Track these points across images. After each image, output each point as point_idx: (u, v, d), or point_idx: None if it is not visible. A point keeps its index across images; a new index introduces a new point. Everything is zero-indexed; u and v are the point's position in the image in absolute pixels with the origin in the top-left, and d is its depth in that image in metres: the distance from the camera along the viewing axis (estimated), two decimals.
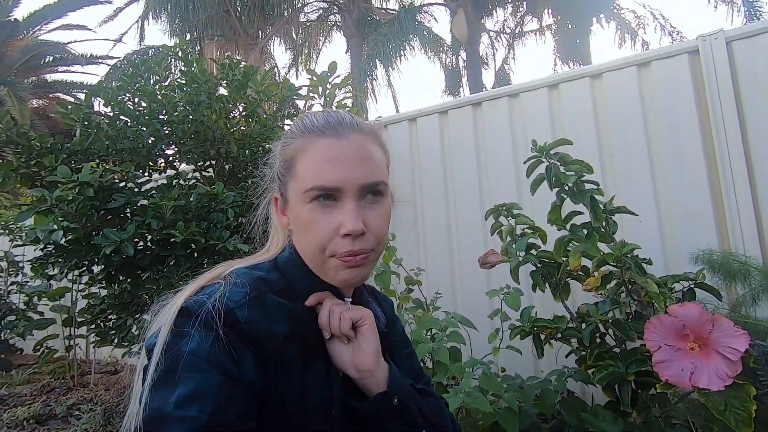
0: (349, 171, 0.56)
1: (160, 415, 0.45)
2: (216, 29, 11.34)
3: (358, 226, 0.55)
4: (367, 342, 0.60)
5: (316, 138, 0.58)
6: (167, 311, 0.52)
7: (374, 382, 0.59)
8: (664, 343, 1.08)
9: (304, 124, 0.61)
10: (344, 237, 0.56)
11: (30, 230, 1.95)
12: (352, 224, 0.55)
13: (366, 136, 0.61)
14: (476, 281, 2.41)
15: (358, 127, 0.61)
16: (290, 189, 0.60)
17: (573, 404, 1.60)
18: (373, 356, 0.59)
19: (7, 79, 10.09)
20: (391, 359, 0.69)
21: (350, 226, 0.55)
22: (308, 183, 0.57)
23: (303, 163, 0.58)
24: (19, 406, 3.11)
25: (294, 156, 0.60)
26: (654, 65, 2.14)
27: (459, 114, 2.63)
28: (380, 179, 0.59)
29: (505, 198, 1.90)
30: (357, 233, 0.55)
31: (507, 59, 12.33)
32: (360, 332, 0.60)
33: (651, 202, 2.07)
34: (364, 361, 0.59)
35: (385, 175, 0.62)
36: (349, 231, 0.55)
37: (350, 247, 0.56)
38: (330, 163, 0.56)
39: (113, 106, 2.40)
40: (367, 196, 0.58)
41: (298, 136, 0.60)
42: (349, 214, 0.55)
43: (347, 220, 0.55)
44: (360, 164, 0.57)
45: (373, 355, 0.60)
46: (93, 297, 2.47)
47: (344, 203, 0.56)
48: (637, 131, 2.14)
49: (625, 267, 1.34)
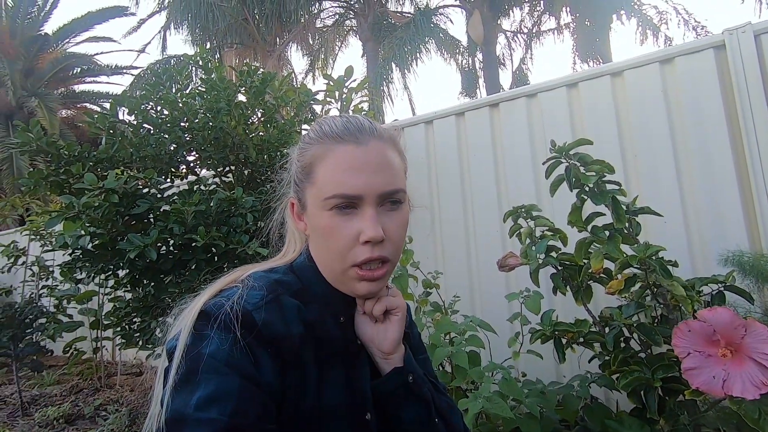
0: (370, 178, 0.56)
1: (180, 416, 0.46)
2: (235, 37, 11.57)
3: (378, 233, 0.55)
4: (393, 330, 0.63)
5: (336, 144, 0.58)
6: (187, 314, 0.53)
7: (391, 363, 0.63)
8: (694, 350, 1.04)
9: (323, 130, 0.61)
10: (364, 244, 0.56)
11: (59, 236, 2.02)
12: (372, 231, 0.55)
13: (385, 143, 0.60)
14: (495, 284, 2.38)
15: (377, 133, 0.60)
16: (308, 195, 0.60)
17: (597, 411, 1.56)
18: (394, 342, 0.63)
19: (38, 91, 10.52)
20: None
21: (370, 233, 0.55)
22: (329, 191, 0.56)
23: (322, 169, 0.58)
24: (50, 406, 3.22)
25: (312, 162, 0.60)
26: (678, 61, 2.08)
27: (476, 115, 2.61)
28: (399, 187, 0.59)
29: (524, 200, 1.87)
30: (377, 240, 0.56)
31: (524, 59, 12.19)
32: (389, 319, 0.64)
33: (676, 203, 2.01)
34: (384, 344, 0.62)
35: (404, 182, 0.62)
36: (369, 238, 0.55)
37: (369, 254, 0.56)
38: (351, 170, 0.56)
39: (137, 114, 2.47)
40: (385, 204, 0.58)
41: (317, 142, 0.60)
42: (369, 222, 0.55)
43: (367, 228, 0.55)
44: (380, 171, 0.57)
45: (395, 342, 0.63)
46: (118, 300, 2.54)
47: (364, 210, 0.56)
48: (660, 129, 2.08)
49: (650, 269, 1.30)
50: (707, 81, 2.00)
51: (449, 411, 0.67)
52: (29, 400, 3.48)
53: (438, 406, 0.65)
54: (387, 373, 0.62)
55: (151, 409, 0.53)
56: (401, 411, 0.60)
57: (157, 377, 0.53)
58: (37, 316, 3.48)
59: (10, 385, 3.88)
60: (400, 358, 0.63)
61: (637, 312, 1.40)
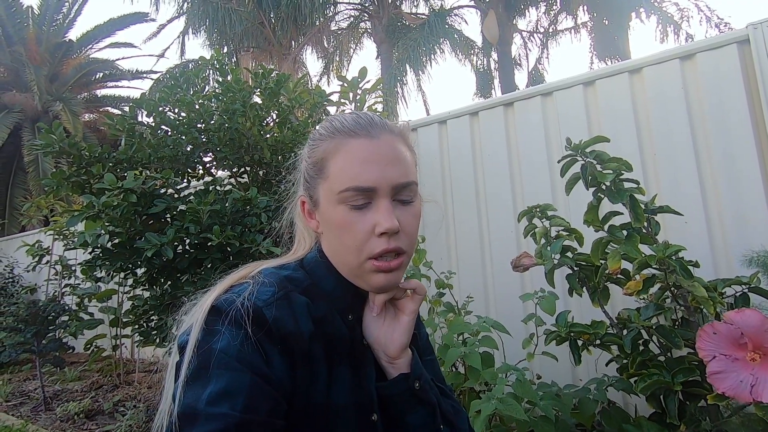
0: (383, 171, 0.56)
1: (192, 411, 0.46)
2: (251, 41, 11.73)
3: (394, 223, 0.55)
4: (400, 333, 0.62)
5: (348, 138, 0.58)
6: (198, 309, 0.54)
7: (397, 368, 0.62)
8: (720, 353, 1.00)
9: (334, 126, 0.61)
10: (380, 236, 0.56)
11: (79, 234, 2.07)
12: (388, 222, 0.55)
13: (396, 137, 0.61)
14: (509, 285, 2.35)
15: (388, 127, 0.61)
16: (321, 190, 0.60)
17: (614, 415, 1.53)
18: (401, 346, 0.62)
19: (63, 95, 10.83)
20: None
21: (386, 224, 0.55)
22: (343, 184, 0.56)
23: (335, 163, 0.58)
24: (71, 401, 3.31)
25: (325, 157, 0.59)
26: (699, 57, 2.02)
27: (490, 115, 2.58)
28: (412, 179, 0.59)
29: (539, 199, 1.84)
30: (393, 231, 0.56)
31: (540, 59, 12.02)
32: (398, 320, 0.63)
33: (697, 202, 1.95)
34: (390, 347, 0.61)
35: (416, 176, 0.62)
36: (385, 229, 0.55)
37: (386, 246, 0.56)
38: (365, 163, 0.56)
39: (155, 116, 2.53)
40: (398, 197, 0.58)
41: (328, 138, 0.60)
42: (384, 213, 0.55)
43: (383, 219, 0.55)
44: (393, 164, 0.57)
45: (402, 346, 0.62)
46: (137, 299, 2.59)
47: (378, 203, 0.56)
48: (681, 128, 2.03)
49: (670, 270, 1.26)
50: (730, 77, 1.94)
51: (455, 415, 0.67)
52: (51, 395, 3.58)
53: (444, 411, 0.64)
54: (393, 378, 0.61)
55: (162, 404, 0.53)
56: (407, 416, 0.60)
57: (168, 372, 0.53)
58: (59, 313, 3.58)
59: (34, 381, 3.99)
60: (406, 363, 0.62)
61: (656, 314, 1.37)
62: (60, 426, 2.92)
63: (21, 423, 2.94)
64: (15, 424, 2.94)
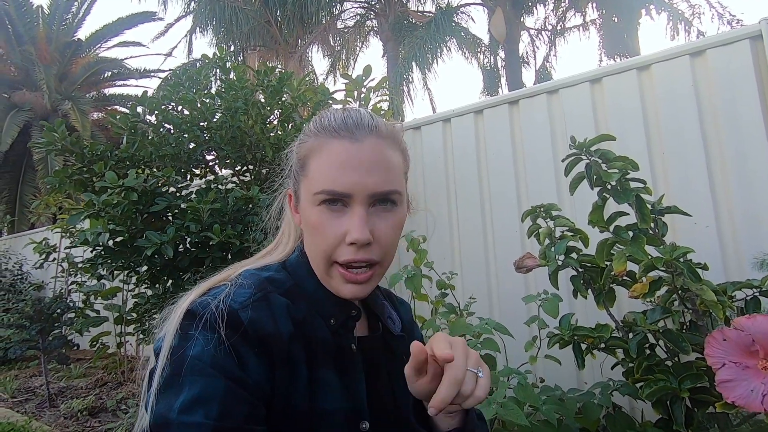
0: (361, 177, 0.54)
1: (164, 421, 0.44)
2: (258, 39, 11.76)
3: (363, 235, 0.53)
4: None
5: (331, 139, 0.56)
6: (174, 314, 0.52)
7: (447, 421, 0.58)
8: (729, 360, 0.96)
9: (321, 123, 0.59)
10: (349, 245, 0.54)
11: (80, 232, 2.06)
12: (357, 233, 0.52)
13: (383, 140, 0.58)
14: (513, 286, 2.31)
15: (377, 129, 0.58)
16: (302, 188, 0.59)
17: (619, 420, 1.49)
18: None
19: (72, 94, 10.95)
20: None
21: (356, 234, 0.52)
22: (318, 186, 0.55)
23: (315, 164, 0.56)
24: (75, 398, 3.32)
25: (307, 155, 0.58)
26: (710, 54, 1.97)
27: (495, 113, 2.54)
28: (393, 188, 0.56)
29: (544, 199, 1.80)
30: (362, 243, 0.53)
31: (548, 57, 11.91)
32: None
33: (707, 203, 1.90)
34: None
35: (401, 183, 0.59)
36: (354, 239, 0.53)
37: (353, 257, 0.54)
38: (342, 167, 0.54)
39: (157, 114, 2.52)
40: (377, 204, 0.56)
41: (314, 135, 0.59)
42: (356, 222, 0.53)
43: (353, 229, 0.53)
44: (374, 171, 0.55)
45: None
46: (140, 297, 2.60)
47: (353, 210, 0.54)
48: (691, 126, 1.98)
49: (677, 272, 1.22)
50: (742, 74, 1.89)
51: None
52: (57, 391, 3.60)
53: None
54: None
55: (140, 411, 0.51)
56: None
57: (144, 379, 0.51)
58: (65, 310, 3.60)
59: (40, 377, 4.03)
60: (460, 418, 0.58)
61: (663, 317, 1.33)
62: (63, 423, 2.93)
63: (25, 420, 2.96)
64: (19, 420, 2.96)
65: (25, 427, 2.82)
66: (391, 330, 0.66)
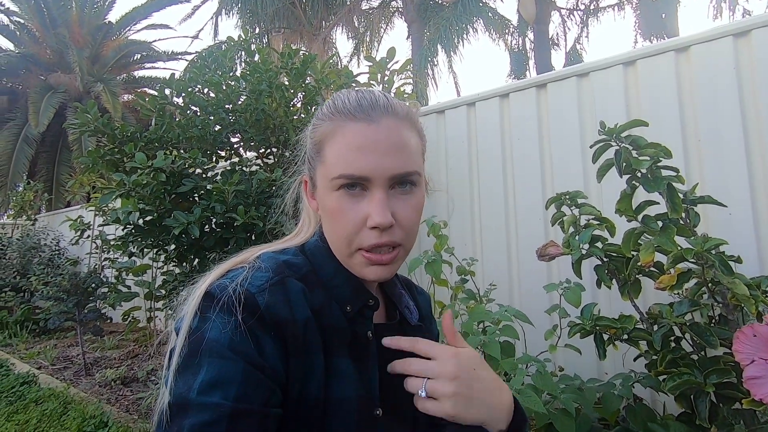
0: (380, 160, 0.53)
1: (183, 401, 0.44)
2: (282, 21, 11.72)
3: (386, 218, 0.52)
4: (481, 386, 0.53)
5: (347, 122, 0.55)
6: (193, 295, 0.52)
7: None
8: (759, 357, 0.93)
9: (336, 105, 0.58)
10: (371, 229, 0.53)
11: (112, 211, 2.14)
12: (379, 216, 0.52)
13: (400, 121, 0.56)
14: (535, 274, 2.29)
15: (392, 110, 0.56)
16: (318, 174, 0.58)
17: (640, 412, 1.46)
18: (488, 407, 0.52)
19: (103, 77, 11.23)
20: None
21: (377, 218, 0.52)
22: (336, 170, 0.54)
23: (331, 148, 0.55)
24: (109, 368, 3.51)
25: (323, 140, 0.57)
26: (756, 34, 1.85)
27: (521, 97, 2.48)
28: (413, 169, 0.55)
29: (571, 187, 1.76)
30: (385, 226, 0.52)
31: (580, 39, 11.44)
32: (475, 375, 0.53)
33: (744, 193, 1.81)
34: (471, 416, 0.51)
35: (419, 164, 0.58)
36: (376, 224, 0.52)
37: (377, 241, 0.53)
38: (359, 150, 0.53)
39: (184, 97, 2.57)
40: (397, 187, 0.55)
41: (328, 119, 0.57)
42: (377, 206, 0.52)
43: (375, 212, 0.52)
44: (391, 152, 0.53)
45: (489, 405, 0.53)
46: (168, 274, 2.69)
47: (373, 193, 0.53)
48: (731, 112, 1.88)
49: (708, 264, 1.18)
50: None
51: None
52: (92, 361, 3.81)
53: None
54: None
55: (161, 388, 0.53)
56: None
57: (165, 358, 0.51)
58: (99, 285, 3.77)
59: (76, 347, 4.26)
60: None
61: (691, 310, 1.29)
62: (98, 391, 3.11)
63: (63, 386, 3.15)
64: (58, 387, 3.15)
65: (64, 393, 3.00)
66: (408, 320, 0.66)
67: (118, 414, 2.64)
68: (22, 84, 11.63)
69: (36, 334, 5.05)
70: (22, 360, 3.97)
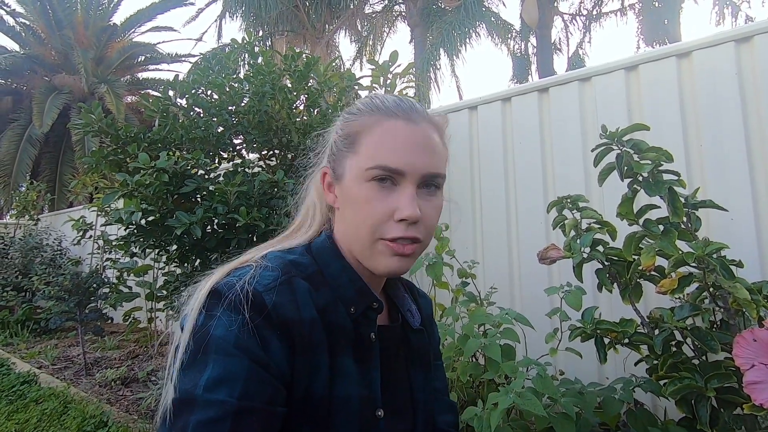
0: (415, 157, 0.56)
1: (189, 397, 0.45)
2: (286, 24, 11.78)
3: (416, 212, 0.54)
4: None
5: (387, 118, 0.58)
6: (198, 293, 0.53)
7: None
8: (759, 362, 0.93)
9: (374, 103, 0.60)
10: (398, 222, 0.55)
11: (114, 211, 2.15)
12: (409, 210, 0.54)
13: (434, 126, 0.60)
14: (536, 277, 2.28)
15: (428, 117, 0.61)
16: (348, 165, 0.59)
17: (641, 416, 1.46)
18: None
19: (107, 78, 11.29)
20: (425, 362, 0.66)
21: (407, 211, 0.54)
22: (372, 161, 0.56)
23: (369, 140, 0.57)
24: (109, 368, 3.51)
25: (359, 132, 0.59)
26: (757, 40, 1.85)
27: (523, 101, 2.48)
28: (442, 171, 0.59)
29: (572, 191, 1.76)
30: (413, 219, 0.54)
31: (582, 43, 11.48)
32: None
33: (746, 198, 1.81)
34: None
35: (445, 170, 0.61)
36: (405, 216, 0.54)
37: (403, 233, 0.55)
38: (398, 145, 0.56)
39: (187, 98, 2.58)
40: (423, 187, 0.57)
41: (366, 114, 0.60)
42: (407, 200, 0.54)
43: (405, 206, 0.54)
44: (427, 153, 0.57)
45: None
46: (170, 275, 2.70)
47: (403, 188, 0.55)
48: (732, 117, 1.88)
49: (709, 269, 1.18)
50: None
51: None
52: (92, 361, 3.81)
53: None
54: None
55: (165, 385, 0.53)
56: None
57: (169, 355, 0.52)
58: (100, 285, 3.78)
59: (77, 347, 4.26)
60: None
61: (692, 314, 1.29)
62: (98, 390, 3.11)
63: (64, 386, 3.15)
64: (59, 386, 3.15)
65: (64, 393, 3.00)
66: (409, 323, 0.67)
67: (117, 414, 2.64)
68: (26, 85, 11.72)
69: (37, 334, 5.06)
70: (22, 359, 3.98)
